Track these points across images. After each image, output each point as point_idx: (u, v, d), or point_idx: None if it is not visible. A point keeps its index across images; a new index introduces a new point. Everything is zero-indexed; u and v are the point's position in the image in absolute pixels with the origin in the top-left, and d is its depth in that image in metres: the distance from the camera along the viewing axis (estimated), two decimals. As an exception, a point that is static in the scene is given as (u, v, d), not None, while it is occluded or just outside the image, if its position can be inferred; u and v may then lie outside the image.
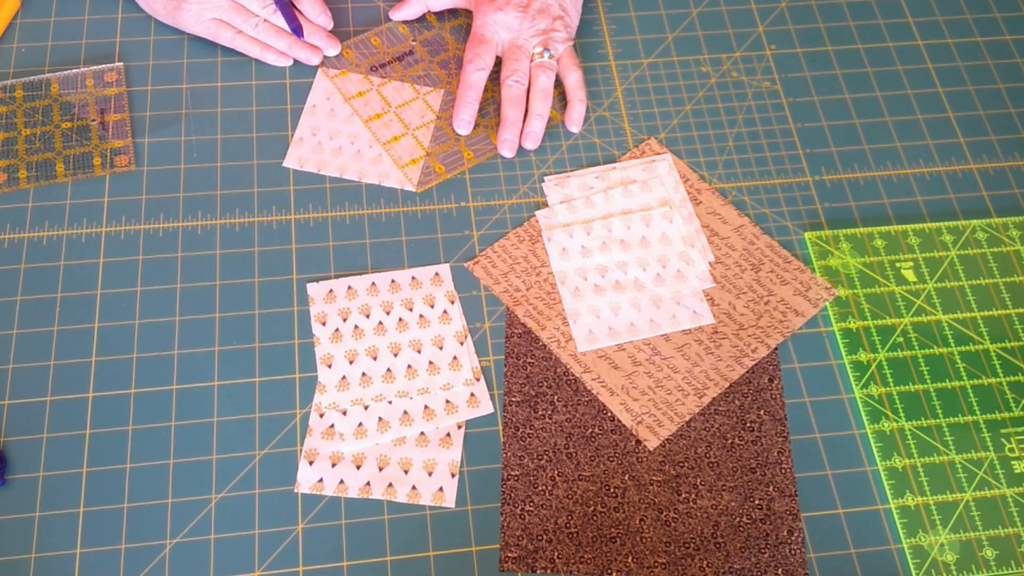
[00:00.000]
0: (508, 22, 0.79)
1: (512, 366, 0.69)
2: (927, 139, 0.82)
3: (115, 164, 0.76)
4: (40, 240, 0.72)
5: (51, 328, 0.69)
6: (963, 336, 0.72)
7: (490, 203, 0.76)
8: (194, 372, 0.67)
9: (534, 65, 0.79)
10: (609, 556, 0.62)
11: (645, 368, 0.69)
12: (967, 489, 0.66)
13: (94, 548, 0.61)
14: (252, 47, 0.80)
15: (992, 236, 0.77)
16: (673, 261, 0.73)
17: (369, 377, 0.68)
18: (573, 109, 0.79)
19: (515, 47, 0.79)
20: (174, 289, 0.71)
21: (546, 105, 0.78)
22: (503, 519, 0.63)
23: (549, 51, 0.79)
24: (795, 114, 0.82)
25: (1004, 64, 0.87)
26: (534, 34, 0.79)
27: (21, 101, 0.78)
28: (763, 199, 0.77)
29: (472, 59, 0.79)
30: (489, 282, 0.72)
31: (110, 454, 0.64)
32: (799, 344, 0.71)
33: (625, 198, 0.76)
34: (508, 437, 0.66)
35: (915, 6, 0.90)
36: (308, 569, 0.61)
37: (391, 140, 0.78)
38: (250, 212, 0.74)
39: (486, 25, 0.80)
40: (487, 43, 0.79)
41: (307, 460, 0.65)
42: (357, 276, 0.72)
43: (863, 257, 0.75)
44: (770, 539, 0.63)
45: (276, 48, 0.81)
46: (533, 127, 0.78)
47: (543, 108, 0.78)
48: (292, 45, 0.80)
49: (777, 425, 0.67)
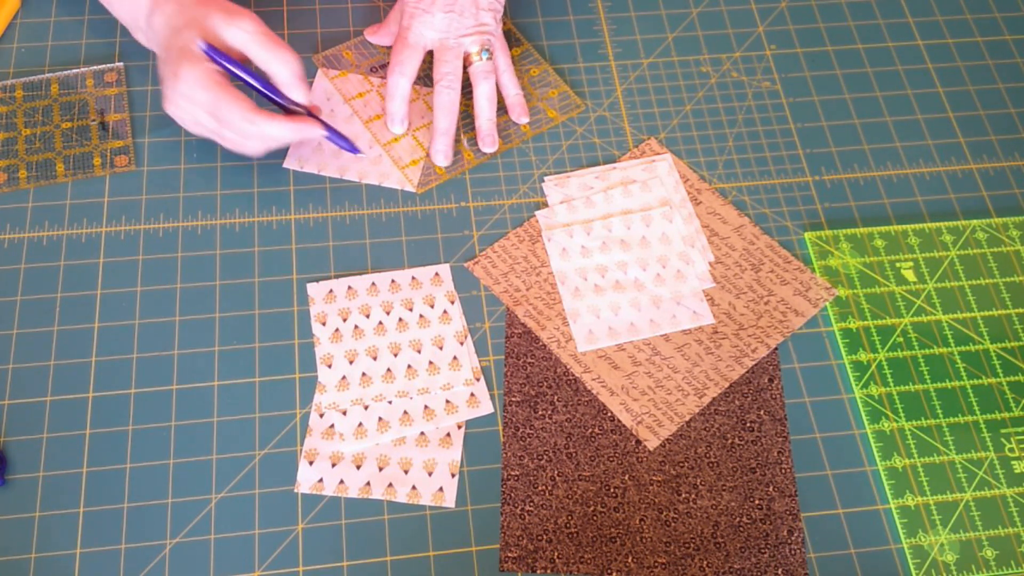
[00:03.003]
0: (435, 23, 0.76)
1: (512, 366, 0.69)
2: (927, 139, 0.82)
3: (115, 164, 0.76)
4: (40, 240, 0.72)
5: (51, 328, 0.69)
6: (963, 336, 0.72)
7: (490, 203, 0.76)
8: (194, 372, 0.67)
9: (472, 72, 0.77)
10: (609, 556, 0.62)
11: (645, 368, 0.69)
12: (967, 489, 0.66)
13: (94, 548, 0.61)
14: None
15: (992, 236, 0.77)
16: (673, 261, 0.73)
17: (369, 377, 0.68)
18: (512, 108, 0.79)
19: (444, 48, 0.76)
20: (174, 289, 0.71)
21: (492, 108, 0.77)
22: (503, 519, 0.63)
23: (486, 51, 0.77)
24: (795, 114, 0.82)
25: (1004, 64, 0.87)
26: (464, 33, 0.77)
27: (21, 101, 0.78)
28: (763, 199, 0.77)
29: (394, 65, 0.76)
30: (489, 282, 0.72)
31: (110, 454, 0.64)
32: (799, 344, 0.71)
33: (625, 198, 0.76)
34: (508, 437, 0.66)
35: (915, 6, 0.90)
36: (308, 569, 0.61)
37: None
38: (250, 212, 0.74)
39: (411, 28, 0.76)
40: (411, 47, 0.76)
41: (307, 460, 0.65)
42: (357, 276, 0.72)
43: (863, 257, 0.75)
44: (770, 539, 0.63)
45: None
46: (484, 130, 0.77)
47: (490, 112, 0.77)
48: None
49: (777, 425, 0.67)
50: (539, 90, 0.82)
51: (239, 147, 0.71)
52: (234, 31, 0.69)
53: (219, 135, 0.70)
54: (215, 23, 0.69)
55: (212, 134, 0.70)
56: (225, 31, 0.69)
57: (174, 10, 0.70)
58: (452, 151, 0.77)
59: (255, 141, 0.70)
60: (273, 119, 0.68)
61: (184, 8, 0.70)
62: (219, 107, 0.67)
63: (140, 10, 0.73)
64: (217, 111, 0.68)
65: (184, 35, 0.68)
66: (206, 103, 0.67)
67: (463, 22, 0.77)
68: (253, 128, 0.68)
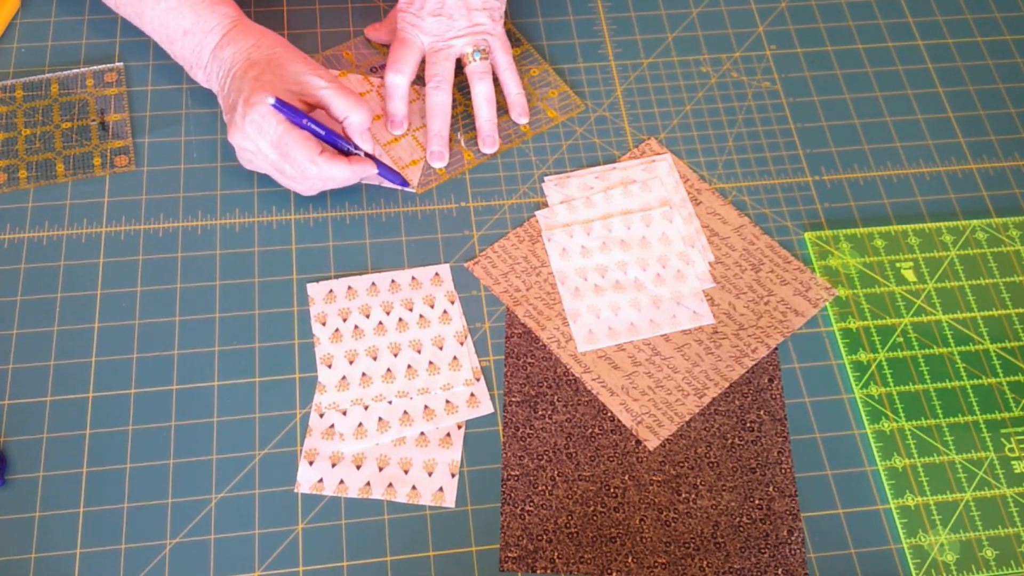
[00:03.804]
0: (426, 27, 0.77)
1: (512, 366, 0.69)
2: (927, 139, 0.82)
3: (115, 164, 0.76)
4: (40, 240, 0.72)
5: (51, 328, 0.69)
6: (963, 336, 0.72)
7: (490, 203, 0.76)
8: (194, 372, 0.67)
9: (468, 73, 0.78)
10: (609, 556, 0.62)
11: (645, 368, 0.69)
12: (967, 489, 0.66)
13: (94, 548, 0.61)
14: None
15: (992, 236, 0.77)
16: (673, 261, 0.73)
17: (369, 377, 0.68)
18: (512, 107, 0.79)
19: (434, 50, 0.77)
20: (174, 289, 0.71)
21: (491, 109, 0.78)
22: (503, 519, 0.63)
23: (480, 51, 0.77)
24: (795, 114, 0.82)
25: (1004, 64, 0.87)
26: (456, 35, 0.77)
27: (21, 101, 0.78)
28: (763, 199, 0.77)
29: (390, 64, 0.77)
30: (489, 282, 0.72)
31: (110, 454, 0.64)
32: (799, 344, 0.71)
33: (625, 198, 0.76)
34: (508, 437, 0.66)
35: (915, 6, 0.90)
36: (308, 569, 0.61)
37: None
38: (250, 212, 0.74)
39: (406, 29, 0.78)
40: (407, 47, 0.77)
41: (307, 460, 0.65)
42: (357, 276, 0.72)
43: (863, 257, 0.75)
44: (770, 539, 0.63)
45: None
46: (484, 131, 0.77)
47: (489, 112, 0.78)
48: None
49: (777, 425, 0.67)
50: (539, 90, 0.82)
51: (296, 185, 0.72)
52: (315, 79, 0.70)
53: (279, 170, 0.71)
54: (297, 68, 0.71)
55: (272, 168, 0.71)
56: (306, 76, 0.71)
57: (251, 45, 0.72)
58: (447, 152, 0.77)
59: (314, 181, 0.71)
60: (335, 161, 0.70)
61: (261, 47, 0.71)
62: (287, 143, 0.68)
63: (207, 46, 0.73)
64: (284, 146, 0.69)
65: (261, 70, 0.70)
66: (275, 136, 0.68)
67: (454, 24, 0.77)
68: (315, 169, 0.69)
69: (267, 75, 0.69)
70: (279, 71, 0.70)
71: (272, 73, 0.70)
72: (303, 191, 0.73)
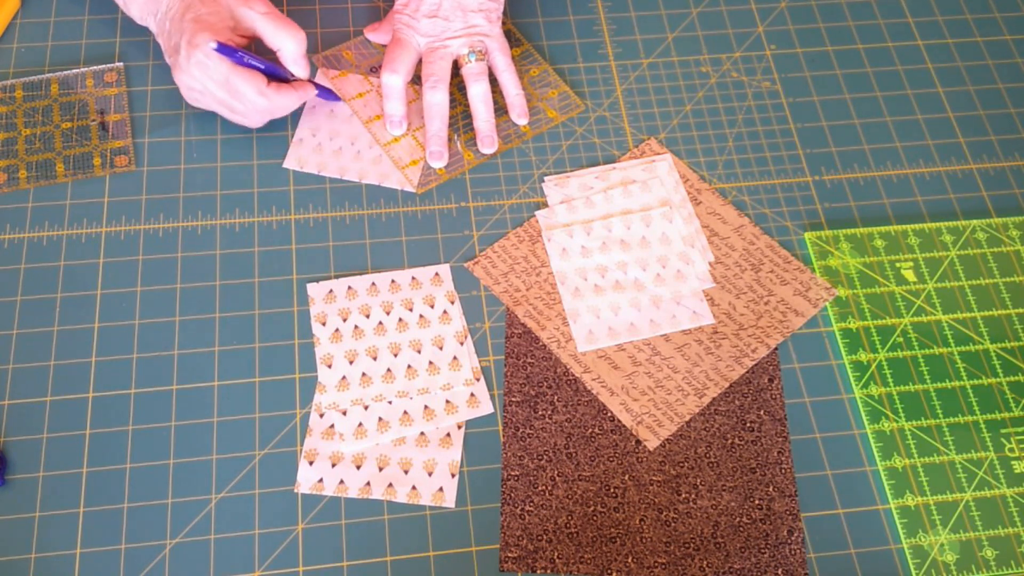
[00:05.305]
0: (421, 28, 0.78)
1: (512, 366, 0.69)
2: (927, 139, 0.82)
3: (115, 164, 0.76)
4: (40, 240, 0.72)
5: (51, 328, 0.69)
6: (963, 336, 0.72)
7: (490, 203, 0.76)
8: (194, 372, 0.67)
9: (464, 74, 0.78)
10: (609, 556, 0.62)
11: (645, 368, 0.69)
12: (967, 489, 0.66)
13: (94, 548, 0.61)
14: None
15: (992, 236, 0.77)
16: (673, 261, 0.73)
17: (369, 377, 0.68)
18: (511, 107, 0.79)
19: (429, 51, 0.78)
20: (174, 289, 0.71)
21: (488, 109, 0.78)
22: (503, 519, 0.63)
23: (476, 53, 0.77)
24: (795, 114, 0.82)
25: (1004, 64, 0.87)
26: (451, 36, 0.78)
27: (21, 101, 0.78)
28: (763, 199, 0.77)
29: (387, 64, 0.77)
30: (489, 282, 0.72)
31: (110, 454, 0.64)
32: (799, 344, 0.71)
33: (625, 198, 0.76)
34: (508, 437, 0.66)
35: (915, 6, 0.90)
36: (308, 569, 0.61)
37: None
38: (250, 212, 0.74)
39: (402, 31, 0.78)
40: (403, 47, 0.78)
41: (307, 460, 0.65)
42: (357, 276, 0.72)
43: (863, 257, 0.75)
44: (770, 539, 0.63)
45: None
46: (483, 132, 0.78)
47: (487, 113, 0.78)
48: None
49: (777, 425, 0.67)
50: (539, 90, 0.82)
51: (244, 120, 0.75)
52: (246, 10, 0.73)
53: (228, 107, 0.74)
54: (229, 1, 0.73)
55: (219, 105, 0.74)
56: (238, 9, 0.73)
57: None
58: (446, 152, 0.77)
59: (262, 114, 0.74)
60: (282, 91, 0.73)
61: None
62: (234, 81, 0.71)
63: None
64: (232, 84, 0.71)
65: (199, 9, 0.72)
66: (221, 76, 0.71)
67: (449, 25, 0.77)
68: (265, 102, 0.72)
69: (206, 14, 0.72)
70: (214, 6, 0.72)
71: (208, 8, 0.72)
72: (251, 123, 0.76)
